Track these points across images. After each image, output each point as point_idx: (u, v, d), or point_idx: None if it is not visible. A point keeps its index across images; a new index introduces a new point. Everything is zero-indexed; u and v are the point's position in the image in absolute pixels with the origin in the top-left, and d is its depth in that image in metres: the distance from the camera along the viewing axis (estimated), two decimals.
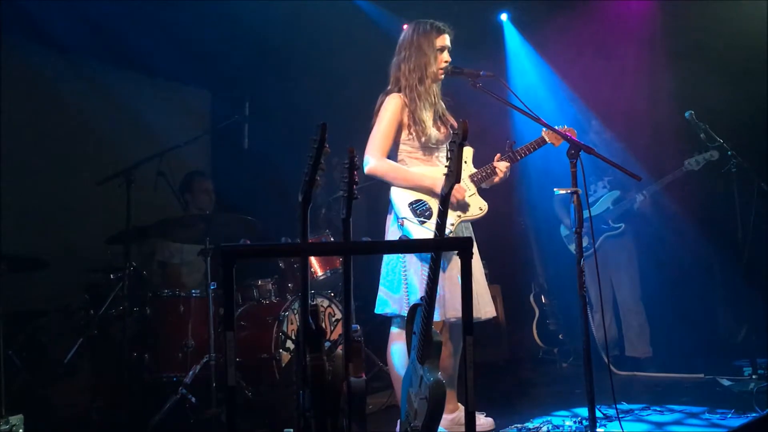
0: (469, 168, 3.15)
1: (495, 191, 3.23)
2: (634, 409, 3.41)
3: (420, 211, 2.98)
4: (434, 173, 3.01)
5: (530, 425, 3.20)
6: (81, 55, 5.09)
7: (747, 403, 3.36)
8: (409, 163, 3.11)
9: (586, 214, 2.84)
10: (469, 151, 3.17)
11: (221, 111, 5.39)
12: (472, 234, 3.13)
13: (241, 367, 3.78)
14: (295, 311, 4.13)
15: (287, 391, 3.55)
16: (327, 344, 2.23)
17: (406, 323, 2.60)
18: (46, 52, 4.96)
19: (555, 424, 3.20)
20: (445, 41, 3.14)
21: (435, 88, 3.13)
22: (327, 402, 2.16)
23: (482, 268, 3.21)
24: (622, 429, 2.89)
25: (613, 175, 4.73)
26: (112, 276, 4.03)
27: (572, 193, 2.80)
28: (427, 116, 3.06)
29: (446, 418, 3.01)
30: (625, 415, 3.28)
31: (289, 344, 4.04)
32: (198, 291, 4.04)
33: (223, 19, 4.91)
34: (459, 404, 3.16)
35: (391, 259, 3.06)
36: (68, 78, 5.07)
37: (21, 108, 4.70)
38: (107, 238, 4.06)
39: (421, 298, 2.49)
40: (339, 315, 4.23)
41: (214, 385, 3.59)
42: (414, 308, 2.55)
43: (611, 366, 4.00)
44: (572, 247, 3.95)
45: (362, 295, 3.79)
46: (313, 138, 2.13)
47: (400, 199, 3.00)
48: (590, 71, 5.29)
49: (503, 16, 5.65)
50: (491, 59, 5.47)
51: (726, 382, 3.91)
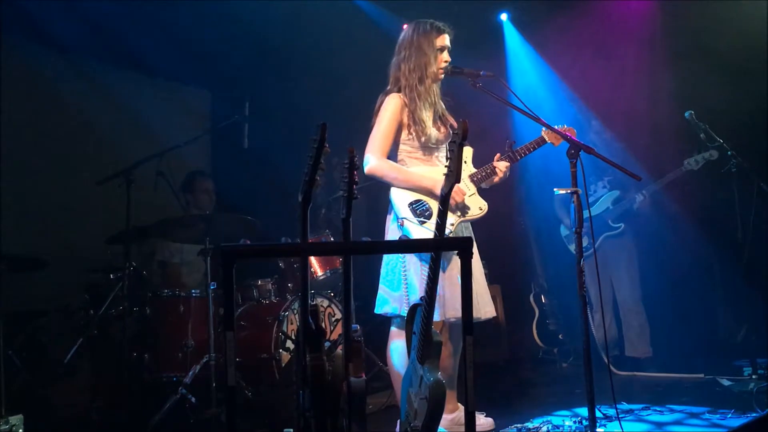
0: (469, 168, 3.15)
1: (495, 191, 3.23)
2: (634, 409, 3.41)
3: (420, 211, 2.98)
4: (434, 174, 3.01)
5: (530, 425, 3.20)
6: (81, 55, 5.09)
7: (747, 403, 3.36)
8: (409, 163, 3.11)
9: (586, 214, 2.83)
10: (468, 151, 3.17)
11: (221, 111, 5.39)
12: (472, 234, 3.13)
13: (241, 367, 3.78)
14: (295, 311, 4.13)
15: (287, 391, 3.55)
16: (327, 344, 2.23)
17: (406, 323, 2.60)
18: (46, 52, 4.96)
19: (555, 424, 3.20)
20: (445, 41, 3.14)
21: (435, 88, 3.13)
22: (327, 402, 2.16)
23: (482, 268, 3.21)
24: (622, 429, 2.89)
25: (613, 175, 4.73)
26: (112, 276, 4.03)
27: (572, 193, 2.80)
28: (427, 116, 3.06)
29: (446, 418, 3.01)
30: (625, 415, 3.28)
31: (289, 344, 4.04)
32: (198, 291, 4.03)
33: (223, 19, 4.91)
34: (459, 404, 3.16)
35: (390, 258, 3.06)
36: (68, 78, 5.07)
37: (21, 108, 4.70)
38: (107, 238, 4.06)
39: (421, 298, 2.48)
40: (339, 315, 4.23)
41: (214, 385, 3.59)
42: (414, 308, 2.55)
43: (611, 366, 4.00)
44: (572, 247, 3.95)
45: (362, 295, 3.79)
46: (313, 138, 2.13)
47: (400, 199, 3.00)
48: (590, 71, 5.29)
49: (503, 16, 5.65)
50: (491, 59, 5.46)
51: (726, 382, 3.91)
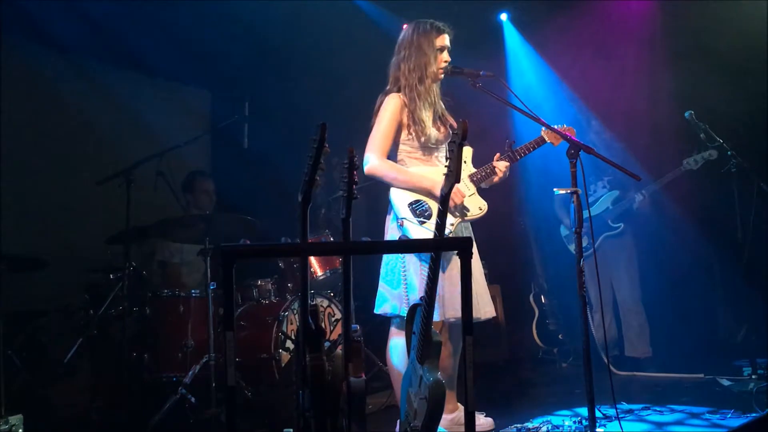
0: (469, 168, 3.14)
1: (495, 191, 3.23)
2: (634, 409, 3.41)
3: (419, 211, 2.98)
4: (434, 174, 3.00)
5: (530, 425, 3.20)
6: (81, 55, 5.09)
7: (747, 403, 3.36)
8: (409, 163, 3.11)
9: (585, 214, 2.83)
10: (468, 151, 3.17)
11: (221, 111, 5.40)
12: (472, 234, 3.13)
13: (241, 367, 3.78)
14: (295, 311, 4.13)
15: (287, 391, 3.56)
16: (327, 344, 2.23)
17: (406, 323, 2.60)
18: (46, 52, 4.96)
19: (555, 424, 3.20)
20: (445, 41, 3.14)
21: (435, 88, 3.13)
22: (327, 402, 2.16)
23: (482, 268, 3.21)
24: (622, 429, 2.89)
25: (613, 174, 4.73)
26: (111, 276, 4.03)
27: (572, 193, 2.80)
28: (427, 116, 3.06)
29: (446, 418, 3.01)
30: (625, 415, 3.28)
31: (289, 344, 4.04)
32: (198, 291, 4.04)
33: (223, 19, 4.91)
34: (459, 404, 3.16)
35: (390, 258, 3.06)
36: (68, 78, 5.07)
37: (21, 108, 4.71)
38: (107, 238, 4.06)
39: (420, 298, 2.48)
40: (338, 315, 4.23)
41: (213, 385, 3.59)
42: (413, 308, 2.55)
43: (611, 366, 4.00)
44: (572, 247, 3.95)
45: (362, 295, 3.79)
46: (312, 138, 2.13)
47: (400, 200, 3.00)
48: (590, 71, 5.29)
49: (503, 16, 5.65)
50: (491, 59, 5.47)
51: (726, 382, 3.91)
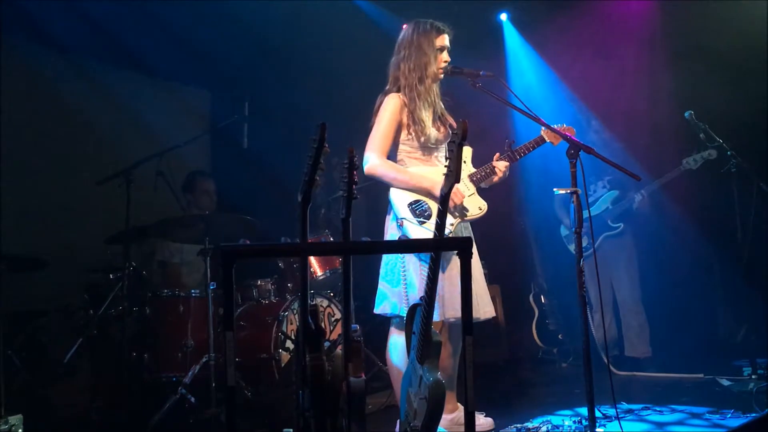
0: (468, 168, 3.14)
1: (494, 191, 3.22)
2: (634, 409, 3.41)
3: (419, 211, 2.98)
4: (433, 174, 3.00)
5: (530, 425, 3.20)
6: (81, 55, 5.09)
7: (746, 403, 3.36)
8: (408, 163, 3.11)
9: (585, 214, 2.83)
10: (468, 151, 3.17)
11: (221, 111, 5.39)
12: (472, 234, 3.13)
13: (241, 367, 3.78)
14: (295, 311, 4.13)
15: (287, 391, 3.56)
16: (326, 344, 2.23)
17: (406, 323, 2.60)
18: (46, 52, 4.96)
19: (555, 424, 3.20)
20: (445, 41, 3.14)
21: (435, 88, 3.13)
22: (326, 402, 2.16)
23: (481, 268, 3.21)
24: (622, 429, 2.89)
25: (613, 174, 4.73)
26: (111, 276, 4.03)
27: (572, 193, 2.80)
28: (427, 116, 3.06)
29: (446, 418, 3.01)
30: (625, 415, 3.28)
31: (289, 344, 4.04)
32: (197, 291, 4.03)
33: (223, 19, 4.91)
34: (458, 404, 3.16)
35: (390, 259, 3.06)
36: (68, 78, 5.07)
37: (21, 108, 4.70)
38: (107, 238, 4.06)
39: (420, 298, 2.48)
40: (338, 315, 4.23)
41: (213, 385, 3.59)
42: (413, 308, 2.55)
43: (611, 366, 4.00)
44: (572, 247, 3.95)
45: (362, 295, 3.79)
46: (312, 138, 2.13)
47: (400, 200, 3.00)
48: (590, 71, 5.29)
49: (503, 16, 5.65)
50: (491, 59, 5.47)
51: (725, 382, 3.91)
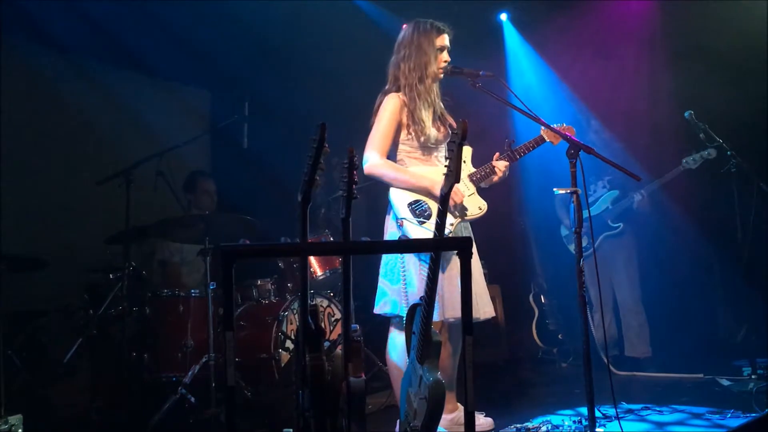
0: (468, 167, 3.14)
1: (494, 191, 3.22)
2: (634, 409, 3.41)
3: (419, 211, 2.98)
4: (433, 174, 3.00)
5: (530, 425, 3.20)
6: (81, 55, 5.09)
7: (746, 403, 3.36)
8: (408, 163, 3.11)
9: (585, 214, 2.83)
10: (468, 151, 3.17)
11: (221, 111, 5.39)
12: (471, 234, 3.13)
13: (241, 367, 3.78)
14: (295, 311, 4.13)
15: (286, 391, 3.55)
16: (326, 344, 2.23)
17: (406, 323, 2.60)
18: (46, 52, 4.96)
19: (554, 423, 3.20)
20: (445, 41, 3.14)
21: (435, 88, 3.13)
22: (326, 402, 2.16)
23: (481, 268, 3.21)
24: (622, 429, 2.89)
25: (613, 174, 4.73)
26: (111, 276, 4.03)
27: (571, 193, 2.80)
28: (427, 116, 3.06)
29: (446, 418, 3.01)
30: (624, 415, 3.28)
31: (289, 344, 4.04)
32: (197, 291, 4.03)
33: (223, 19, 4.91)
34: (458, 404, 3.16)
35: (390, 259, 3.06)
36: (68, 78, 5.07)
37: (21, 108, 4.70)
38: (106, 238, 4.06)
39: (420, 298, 2.48)
40: (338, 315, 4.23)
41: (213, 385, 3.59)
42: (413, 308, 2.55)
43: (611, 366, 4.00)
44: (572, 248, 3.95)
45: (362, 295, 3.79)
46: (312, 138, 2.13)
47: (399, 200, 3.00)
48: (590, 71, 5.29)
49: (503, 16, 5.65)
50: (491, 59, 5.47)
51: (725, 382, 3.91)
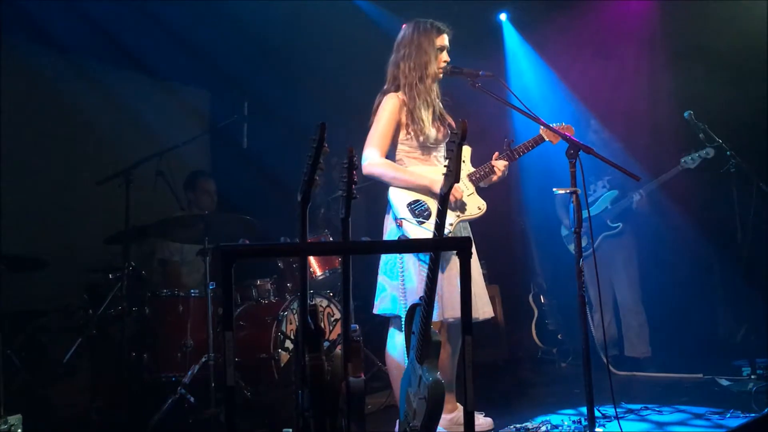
0: (468, 167, 3.14)
1: (494, 191, 3.22)
2: (634, 409, 3.41)
3: (418, 211, 2.97)
4: (432, 173, 3.00)
5: (529, 425, 3.20)
6: (81, 55, 5.09)
7: (746, 403, 3.36)
8: (407, 163, 3.10)
9: (585, 215, 2.83)
10: (467, 150, 3.17)
11: (220, 111, 5.39)
12: (471, 234, 3.13)
13: (240, 367, 3.78)
14: (294, 311, 4.13)
15: (286, 391, 3.55)
16: (326, 344, 2.23)
17: (405, 323, 2.59)
18: (46, 52, 4.96)
19: (554, 423, 3.20)
20: (445, 41, 3.15)
21: (435, 88, 3.13)
22: (326, 402, 2.16)
23: (480, 268, 3.21)
24: (621, 429, 2.89)
25: (613, 174, 4.72)
26: (111, 276, 4.03)
27: (571, 193, 2.80)
28: (426, 115, 3.06)
29: (445, 418, 3.01)
30: (624, 415, 3.28)
31: (288, 344, 4.04)
32: (197, 291, 4.03)
33: (223, 19, 4.91)
34: (458, 404, 3.16)
35: (389, 258, 3.06)
36: (68, 78, 5.07)
37: (21, 108, 4.70)
38: (106, 238, 4.06)
39: (420, 298, 2.48)
40: (338, 315, 4.23)
41: (213, 385, 3.59)
42: (413, 308, 2.55)
43: (610, 366, 3.99)
44: (572, 248, 3.95)
45: (361, 295, 3.78)
46: (312, 138, 2.13)
47: (399, 200, 3.00)
48: (590, 71, 5.29)
49: (502, 16, 5.65)
50: (490, 59, 5.47)
51: (725, 382, 3.91)
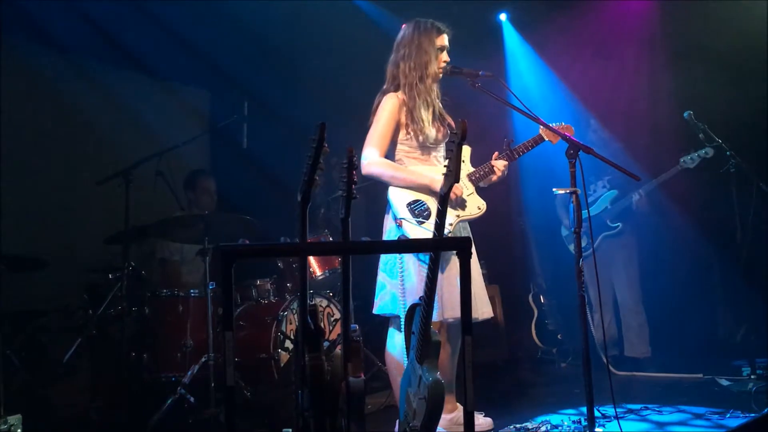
0: (467, 167, 3.14)
1: (494, 191, 3.22)
2: (634, 409, 3.41)
3: (418, 211, 2.97)
4: (432, 172, 3.00)
5: (529, 425, 3.20)
6: (81, 55, 5.09)
7: (746, 403, 3.36)
8: (407, 163, 3.10)
9: (585, 215, 2.83)
10: (467, 150, 3.17)
11: (221, 111, 5.39)
12: (470, 234, 3.13)
13: (240, 367, 3.78)
14: (294, 311, 4.13)
15: (286, 391, 3.55)
16: (326, 344, 2.23)
17: (405, 323, 2.59)
18: (46, 52, 4.96)
19: (554, 423, 3.20)
20: (445, 41, 3.15)
21: (435, 88, 3.13)
22: (326, 402, 2.16)
23: (479, 268, 3.21)
24: (621, 429, 2.89)
25: (612, 174, 4.72)
26: (111, 276, 4.03)
27: (571, 193, 2.80)
28: (426, 115, 3.06)
29: (445, 418, 3.01)
30: (624, 415, 3.28)
31: (288, 344, 4.04)
32: (197, 291, 4.03)
33: (223, 19, 4.91)
34: (458, 404, 3.16)
35: (389, 258, 3.06)
36: (68, 78, 5.06)
37: (21, 108, 4.70)
38: (106, 238, 4.06)
39: (420, 298, 2.48)
40: (338, 315, 4.23)
41: (212, 385, 3.58)
42: (412, 308, 2.55)
43: (610, 366, 3.99)
44: (572, 248, 3.95)
45: (361, 295, 3.79)
46: (312, 138, 2.13)
47: (399, 200, 3.00)
48: (590, 71, 5.29)
49: (502, 16, 5.65)
50: (490, 59, 5.47)
51: (725, 382, 3.91)
